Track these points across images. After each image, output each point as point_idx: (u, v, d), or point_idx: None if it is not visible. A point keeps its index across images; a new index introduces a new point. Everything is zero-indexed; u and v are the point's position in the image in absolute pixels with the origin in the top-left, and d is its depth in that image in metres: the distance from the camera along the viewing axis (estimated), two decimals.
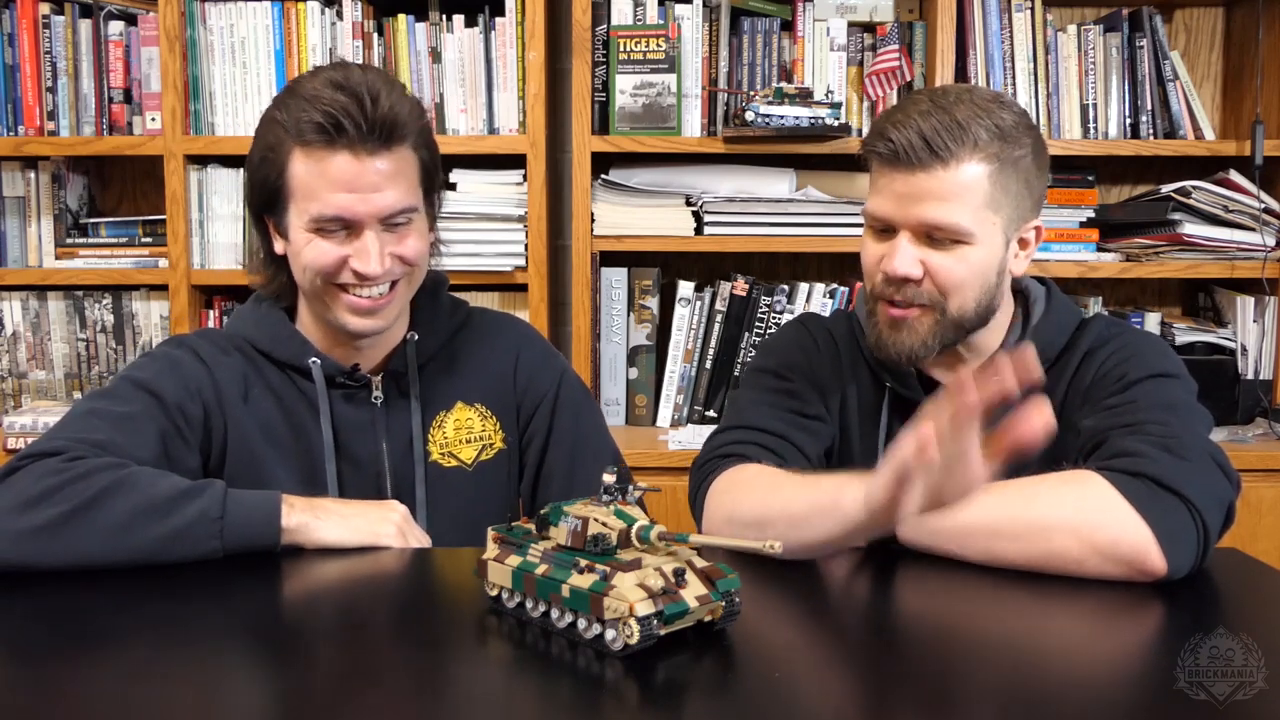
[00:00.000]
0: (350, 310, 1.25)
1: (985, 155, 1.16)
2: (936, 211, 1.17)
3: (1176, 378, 1.21)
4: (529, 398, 1.40)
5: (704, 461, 1.28)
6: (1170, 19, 2.48)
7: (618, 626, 0.83)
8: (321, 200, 1.20)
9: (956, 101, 1.17)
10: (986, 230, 1.19)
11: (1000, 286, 1.24)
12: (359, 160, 1.19)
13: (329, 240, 1.22)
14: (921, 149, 1.15)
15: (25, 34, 2.26)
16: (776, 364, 1.36)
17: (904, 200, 1.18)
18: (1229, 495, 1.09)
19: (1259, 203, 2.23)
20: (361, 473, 1.32)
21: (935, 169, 1.15)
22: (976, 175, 1.16)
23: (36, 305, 2.35)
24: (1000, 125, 1.17)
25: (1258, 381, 2.32)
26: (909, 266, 1.19)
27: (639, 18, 2.26)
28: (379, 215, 1.21)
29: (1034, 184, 1.22)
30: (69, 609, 1.00)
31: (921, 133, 1.15)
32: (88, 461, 1.12)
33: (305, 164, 1.20)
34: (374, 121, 1.18)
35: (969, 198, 1.16)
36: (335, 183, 1.19)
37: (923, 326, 1.22)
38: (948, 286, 1.20)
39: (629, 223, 2.28)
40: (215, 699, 0.81)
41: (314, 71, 1.25)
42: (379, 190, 1.20)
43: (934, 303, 1.21)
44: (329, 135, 1.18)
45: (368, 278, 1.22)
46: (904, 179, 1.17)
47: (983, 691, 0.82)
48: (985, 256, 1.20)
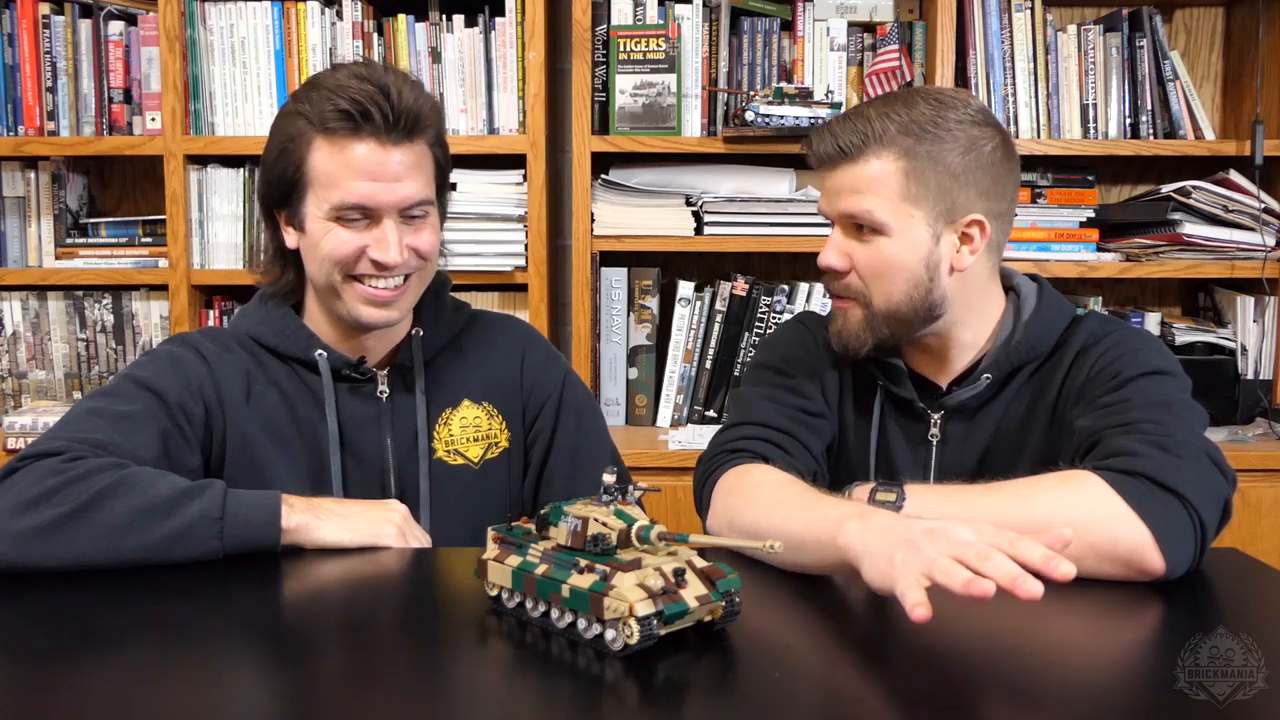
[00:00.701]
0: (365, 301, 1.26)
1: (895, 151, 1.21)
2: (849, 202, 1.24)
3: (1170, 374, 1.21)
4: (534, 398, 1.41)
5: (711, 456, 1.29)
6: (1170, 19, 2.48)
7: (618, 626, 0.83)
8: (344, 188, 1.21)
9: (881, 103, 1.24)
10: (904, 223, 1.22)
11: (937, 281, 1.23)
12: (382, 149, 1.21)
13: (348, 229, 1.23)
14: (834, 149, 1.24)
15: (25, 34, 2.26)
16: (779, 360, 1.37)
17: (830, 195, 1.27)
18: (1225, 492, 1.10)
19: (1259, 203, 2.23)
20: (365, 468, 1.32)
21: (845, 165, 1.24)
22: (885, 169, 1.22)
23: (36, 305, 2.35)
24: (917, 121, 1.21)
25: (1258, 381, 2.33)
26: (831, 258, 1.27)
27: (639, 18, 2.26)
28: (399, 205, 1.23)
29: (970, 177, 1.21)
30: (69, 609, 1.00)
31: (835, 137, 1.23)
32: (87, 462, 1.12)
33: (328, 152, 1.21)
34: (399, 112, 1.20)
35: (880, 190, 1.22)
36: (358, 171, 1.21)
37: (854, 318, 1.28)
38: (867, 277, 1.25)
39: (629, 223, 2.28)
40: (215, 699, 0.81)
41: (335, 67, 1.27)
42: (400, 180, 1.22)
43: (859, 294, 1.27)
44: (354, 123, 1.20)
45: (386, 267, 1.24)
46: (828, 176, 1.27)
47: (983, 691, 0.82)
48: (905, 250, 1.23)
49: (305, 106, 1.22)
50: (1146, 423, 1.12)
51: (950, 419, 1.30)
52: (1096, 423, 1.16)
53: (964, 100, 1.24)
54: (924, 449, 1.30)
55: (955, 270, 1.24)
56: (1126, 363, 1.21)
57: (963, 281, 1.25)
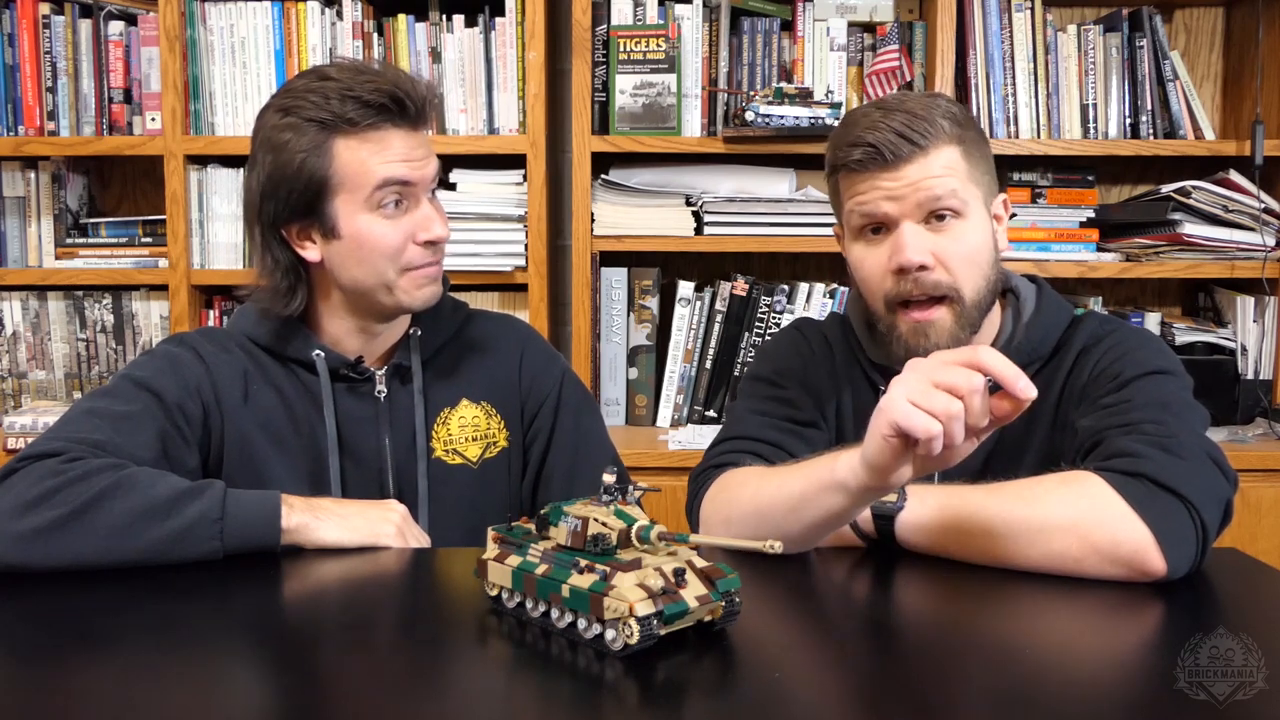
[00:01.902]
0: (423, 281, 1.28)
1: (951, 138, 1.21)
2: (933, 188, 1.19)
3: (1171, 374, 1.21)
4: (533, 397, 1.41)
5: (698, 473, 1.29)
6: (1170, 19, 2.48)
7: (618, 626, 0.83)
8: (380, 171, 1.23)
9: (903, 102, 1.23)
10: (974, 205, 1.23)
11: (997, 266, 1.26)
12: (407, 135, 1.25)
13: (390, 220, 1.25)
14: (901, 143, 1.18)
15: (25, 34, 2.26)
16: (771, 372, 1.37)
17: (897, 192, 1.20)
18: (1226, 493, 1.09)
19: (1259, 203, 2.23)
20: (363, 468, 1.32)
21: (917, 157, 1.19)
22: (953, 155, 1.21)
23: (36, 305, 2.35)
24: (951, 113, 1.23)
25: (1258, 381, 2.33)
26: (921, 253, 1.19)
27: (639, 18, 2.26)
28: (429, 182, 1.28)
29: (990, 161, 1.27)
30: (69, 609, 1.00)
31: (895, 129, 1.18)
32: (86, 463, 1.12)
33: (354, 148, 1.22)
34: (420, 98, 1.25)
35: (954, 174, 1.21)
36: (391, 155, 1.23)
37: (947, 323, 1.22)
38: (957, 267, 1.21)
39: (629, 223, 2.28)
40: (215, 699, 0.81)
41: (312, 71, 1.26)
42: (426, 159, 1.27)
43: (950, 291, 1.21)
44: (384, 113, 1.22)
45: (437, 240, 1.27)
46: (890, 175, 1.20)
47: (982, 691, 0.82)
48: (979, 231, 1.23)
49: (314, 113, 1.21)
50: (1148, 423, 1.12)
51: None
52: (1098, 423, 1.16)
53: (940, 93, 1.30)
54: None
55: (1000, 251, 1.27)
56: (1128, 363, 1.21)
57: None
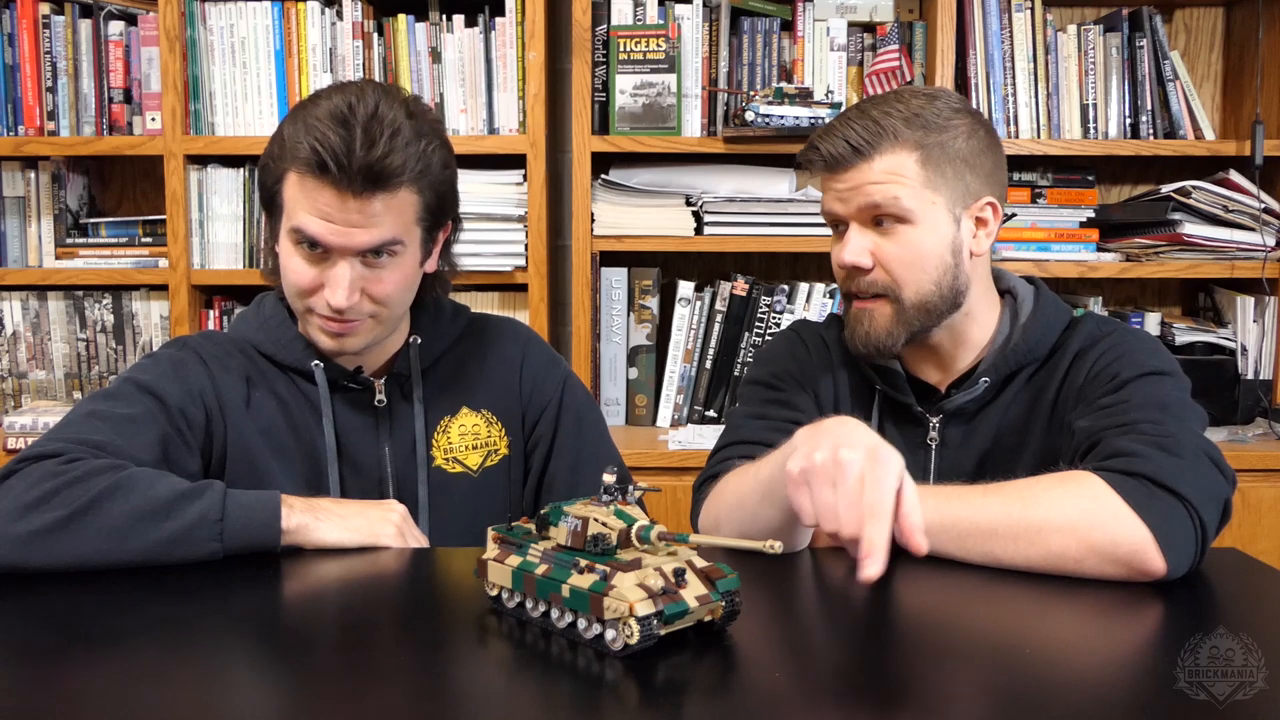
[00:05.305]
0: (319, 329, 1.25)
1: (908, 143, 1.23)
2: (871, 194, 1.23)
3: (1169, 375, 1.21)
4: (534, 403, 1.40)
5: (700, 485, 1.31)
6: (1170, 19, 2.48)
7: (618, 626, 0.83)
8: (300, 219, 1.19)
9: (878, 103, 1.26)
10: (928, 210, 1.24)
11: (961, 267, 1.26)
12: (342, 199, 1.16)
13: (306, 260, 1.21)
14: (846, 151, 1.24)
15: (25, 34, 2.26)
16: (768, 374, 1.38)
17: (843, 194, 1.26)
18: (1225, 492, 1.10)
19: (1259, 203, 2.23)
20: (363, 477, 1.32)
21: (860, 163, 1.24)
22: (901, 162, 1.23)
23: (36, 305, 2.35)
24: (920, 114, 1.24)
25: (1258, 381, 2.33)
26: (856, 255, 1.25)
27: (639, 18, 2.26)
28: (352, 250, 1.19)
29: (976, 161, 1.26)
30: (69, 609, 1.00)
31: (845, 138, 1.24)
32: (86, 464, 1.12)
33: (294, 183, 1.19)
34: (360, 168, 1.15)
35: (901, 180, 1.23)
36: (316, 211, 1.18)
37: (883, 315, 1.26)
38: (897, 270, 1.25)
39: (629, 223, 2.28)
40: (215, 699, 0.81)
41: (332, 90, 1.22)
42: (358, 227, 1.18)
43: (888, 289, 1.26)
44: (314, 170, 1.16)
45: (333, 308, 1.21)
46: (836, 178, 1.26)
47: (982, 691, 0.82)
48: (931, 237, 1.24)
49: (289, 131, 1.20)
50: (1146, 423, 1.12)
51: (949, 423, 1.30)
52: (1096, 423, 1.16)
53: (945, 92, 1.29)
54: (923, 453, 1.30)
55: (974, 255, 1.27)
56: (1125, 363, 1.21)
57: (976, 268, 1.28)
